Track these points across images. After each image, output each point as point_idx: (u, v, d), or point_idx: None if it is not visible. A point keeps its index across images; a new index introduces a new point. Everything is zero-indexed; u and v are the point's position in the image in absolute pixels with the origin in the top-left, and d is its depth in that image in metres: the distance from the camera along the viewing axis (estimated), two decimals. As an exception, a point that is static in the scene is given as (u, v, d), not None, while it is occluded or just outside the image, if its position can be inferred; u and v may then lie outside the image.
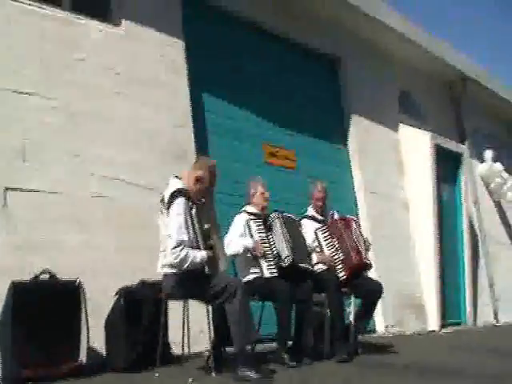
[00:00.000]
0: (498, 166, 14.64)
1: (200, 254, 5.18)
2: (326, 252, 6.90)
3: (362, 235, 7.14)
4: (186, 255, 5.10)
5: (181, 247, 5.09)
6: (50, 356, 5.04)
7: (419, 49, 12.05)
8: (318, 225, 7.08)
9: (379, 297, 7.08)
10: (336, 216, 7.27)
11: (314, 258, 6.87)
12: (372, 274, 8.12)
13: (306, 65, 10.36)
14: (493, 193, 14.80)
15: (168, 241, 5.17)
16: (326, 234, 6.99)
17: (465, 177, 12.89)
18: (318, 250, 6.96)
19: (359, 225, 7.40)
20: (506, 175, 14.78)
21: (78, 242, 6.19)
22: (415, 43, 11.88)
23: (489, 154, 14.55)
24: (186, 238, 5.15)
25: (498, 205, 15.11)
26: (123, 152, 6.88)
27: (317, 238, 6.98)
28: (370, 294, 6.93)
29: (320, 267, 6.86)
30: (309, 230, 7.00)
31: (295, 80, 9.93)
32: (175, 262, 5.12)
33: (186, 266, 5.12)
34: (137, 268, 6.27)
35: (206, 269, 5.28)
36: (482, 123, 15.35)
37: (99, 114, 6.79)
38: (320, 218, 7.18)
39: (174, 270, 5.24)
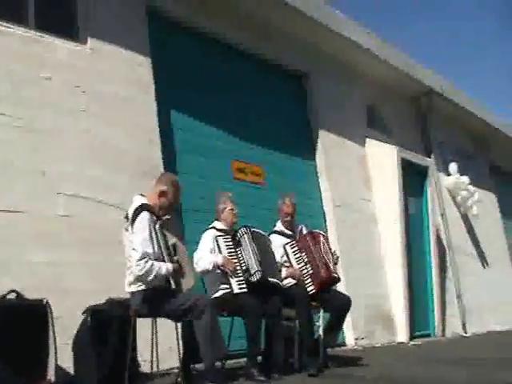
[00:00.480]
0: (465, 179, 14.81)
1: (165, 266, 5.18)
2: (296, 266, 6.94)
3: (330, 249, 7.19)
4: (151, 267, 5.09)
5: (146, 259, 5.09)
6: (17, 376, 4.98)
7: (385, 64, 12.17)
8: (286, 240, 7.12)
9: (348, 310, 7.13)
10: (304, 231, 7.32)
11: (283, 272, 6.90)
12: (341, 287, 8.19)
13: (274, 81, 10.44)
14: (459, 205, 14.96)
15: (133, 254, 5.16)
16: (295, 248, 7.04)
17: (431, 189, 13.03)
18: (286, 264, 7.00)
19: (327, 239, 7.44)
20: (472, 188, 14.94)
21: (46, 261, 6.14)
22: (381, 58, 12.00)
23: (454, 166, 14.71)
24: (150, 250, 5.16)
25: (465, 216, 15.27)
26: (90, 170, 6.86)
27: (286, 252, 7.02)
28: (339, 307, 6.98)
29: (289, 281, 6.90)
30: (277, 244, 7.04)
31: (263, 96, 9.99)
32: (140, 274, 5.10)
33: (151, 277, 5.11)
34: (105, 286, 6.24)
35: (173, 284, 5.28)
36: (448, 136, 15.53)
37: (65, 132, 6.76)
38: (289, 232, 7.23)
39: (141, 288, 5.24)
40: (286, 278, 6.90)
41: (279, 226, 7.30)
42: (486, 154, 17.60)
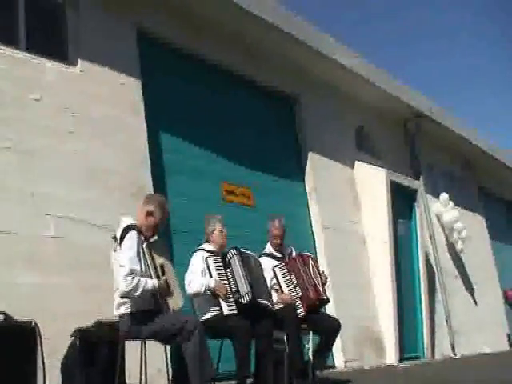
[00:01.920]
0: (455, 213, 14.80)
1: (151, 282, 5.15)
2: (285, 289, 6.94)
3: (318, 271, 7.20)
4: (137, 282, 5.05)
5: (132, 275, 5.05)
6: (5, 399, 4.96)
7: (374, 87, 12.24)
8: (275, 262, 7.12)
9: (337, 333, 7.13)
10: (294, 253, 7.32)
11: (274, 297, 6.89)
12: (330, 308, 8.20)
13: (264, 103, 10.50)
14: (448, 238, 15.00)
15: (120, 270, 5.13)
16: (284, 270, 7.03)
17: (420, 212, 13.08)
18: (276, 287, 6.99)
19: (316, 261, 7.45)
20: (461, 226, 14.87)
21: (34, 282, 6.12)
22: (370, 82, 12.07)
23: (444, 196, 14.73)
24: (138, 267, 5.13)
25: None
26: (79, 191, 6.86)
27: (275, 275, 7.01)
28: (329, 330, 6.97)
29: (279, 304, 6.89)
30: (267, 267, 7.02)
31: (253, 118, 10.05)
32: (127, 290, 5.05)
33: (138, 293, 5.07)
34: (94, 308, 6.21)
35: (160, 302, 5.26)
36: (436, 159, 15.65)
37: (54, 153, 6.77)
38: (278, 255, 7.23)
39: (129, 310, 5.22)
40: (277, 303, 6.88)
41: (269, 248, 7.30)
42: (475, 176, 17.69)
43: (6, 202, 6.18)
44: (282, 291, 6.95)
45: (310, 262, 7.21)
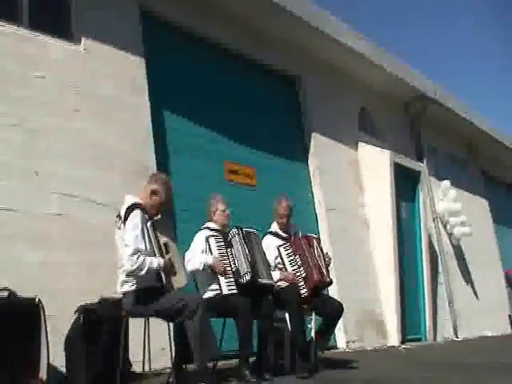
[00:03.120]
0: (458, 206, 14.77)
1: (157, 260, 5.18)
2: (289, 269, 6.92)
3: (322, 252, 7.19)
4: (143, 261, 5.08)
5: (137, 255, 5.07)
6: (9, 373, 4.96)
7: (378, 68, 12.20)
8: (280, 241, 7.10)
9: (340, 317, 7.14)
10: (299, 234, 7.31)
11: (277, 275, 6.88)
12: (332, 290, 8.20)
13: (267, 83, 10.47)
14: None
15: (125, 250, 5.14)
16: (289, 250, 7.01)
17: (423, 194, 13.06)
18: (280, 266, 6.98)
19: (320, 242, 7.44)
20: (463, 219, 14.85)
21: (37, 259, 6.14)
22: (374, 63, 12.02)
23: (446, 183, 14.69)
24: (143, 247, 5.15)
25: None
26: (82, 169, 6.86)
27: (279, 254, 7.00)
28: (331, 314, 6.95)
29: (282, 284, 6.89)
30: (272, 246, 7.02)
31: (256, 98, 10.02)
32: (132, 269, 5.08)
33: (143, 272, 5.10)
34: (97, 286, 6.22)
35: (164, 280, 5.26)
36: (440, 142, 15.60)
37: (58, 131, 6.76)
38: (283, 234, 7.21)
39: (133, 288, 5.22)
40: (279, 280, 6.88)
41: (274, 228, 7.28)
42: (478, 159, 17.65)
43: (10, 180, 6.19)
44: (286, 270, 6.94)
45: (315, 243, 7.19)
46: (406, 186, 12.58)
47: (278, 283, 6.81)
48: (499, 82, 47.39)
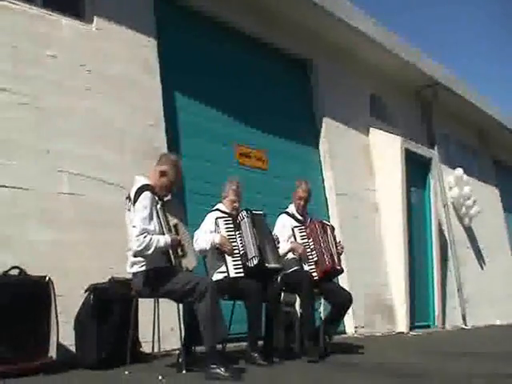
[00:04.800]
0: (467, 189, 14.71)
1: (163, 238, 5.11)
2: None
3: (335, 241, 7.20)
4: (149, 241, 5.02)
5: (144, 234, 5.03)
6: (19, 352, 4.97)
7: (391, 54, 12.13)
8: (296, 223, 7.11)
9: (349, 307, 7.16)
10: (314, 219, 7.31)
11: (287, 245, 6.88)
12: (342, 275, 8.15)
13: (279, 67, 10.43)
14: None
15: (133, 231, 5.12)
16: (303, 233, 7.02)
17: (434, 181, 13.01)
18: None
19: (334, 231, 7.42)
20: (473, 199, 14.79)
21: (48, 239, 6.14)
22: (386, 48, 11.95)
23: (459, 171, 14.63)
24: (151, 227, 5.10)
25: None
26: (93, 149, 6.84)
27: (294, 234, 7.00)
28: (341, 304, 6.96)
29: (291, 256, 6.89)
30: (287, 224, 7.08)
31: (267, 81, 9.98)
32: (139, 249, 5.02)
33: (150, 251, 5.04)
34: (107, 266, 6.23)
35: (173, 261, 5.24)
36: (451, 129, 15.53)
37: (70, 110, 6.75)
38: (299, 217, 7.21)
39: (142, 269, 5.20)
40: (289, 251, 6.88)
41: (291, 209, 7.29)
42: (489, 148, 17.57)
43: (21, 159, 6.18)
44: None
45: (329, 231, 7.22)
46: (416, 172, 12.54)
47: (288, 255, 6.82)
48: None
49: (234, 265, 6.11)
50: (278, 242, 6.69)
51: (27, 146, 6.27)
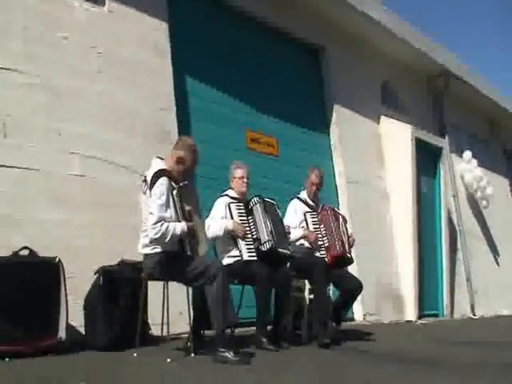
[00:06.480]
0: (479, 171, 14.65)
1: (180, 225, 5.11)
2: (312, 235, 6.93)
3: (347, 231, 7.17)
4: (166, 229, 5.02)
5: (161, 222, 5.03)
6: (28, 332, 4.97)
7: (402, 42, 12.06)
8: (307, 209, 7.10)
9: (358, 295, 7.19)
10: (327, 206, 7.29)
11: (299, 232, 6.87)
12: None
13: (290, 52, 10.39)
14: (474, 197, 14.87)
15: (150, 218, 5.11)
16: (315, 219, 7.01)
17: (444, 170, 12.96)
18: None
19: (346, 221, 7.40)
20: (485, 181, 14.74)
21: (58, 220, 6.14)
22: (398, 37, 11.89)
23: (468, 154, 14.57)
24: (167, 215, 5.10)
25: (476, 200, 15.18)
26: (104, 132, 6.83)
27: (305, 219, 6.99)
28: (350, 290, 6.97)
29: (302, 243, 6.88)
30: (298, 209, 7.07)
31: (278, 67, 9.94)
32: (156, 237, 5.03)
33: (167, 239, 5.05)
34: (117, 248, 6.23)
35: (188, 250, 5.23)
36: (463, 119, 15.44)
37: (81, 92, 6.73)
38: (311, 203, 7.20)
39: (155, 251, 5.19)
40: (300, 238, 6.88)
41: (303, 195, 7.27)
42: (500, 138, 17.48)
43: (32, 140, 6.17)
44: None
45: (341, 219, 7.22)
46: (427, 161, 12.50)
47: (299, 242, 6.83)
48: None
49: (248, 249, 6.10)
50: (289, 233, 6.68)
51: (38, 126, 6.26)
